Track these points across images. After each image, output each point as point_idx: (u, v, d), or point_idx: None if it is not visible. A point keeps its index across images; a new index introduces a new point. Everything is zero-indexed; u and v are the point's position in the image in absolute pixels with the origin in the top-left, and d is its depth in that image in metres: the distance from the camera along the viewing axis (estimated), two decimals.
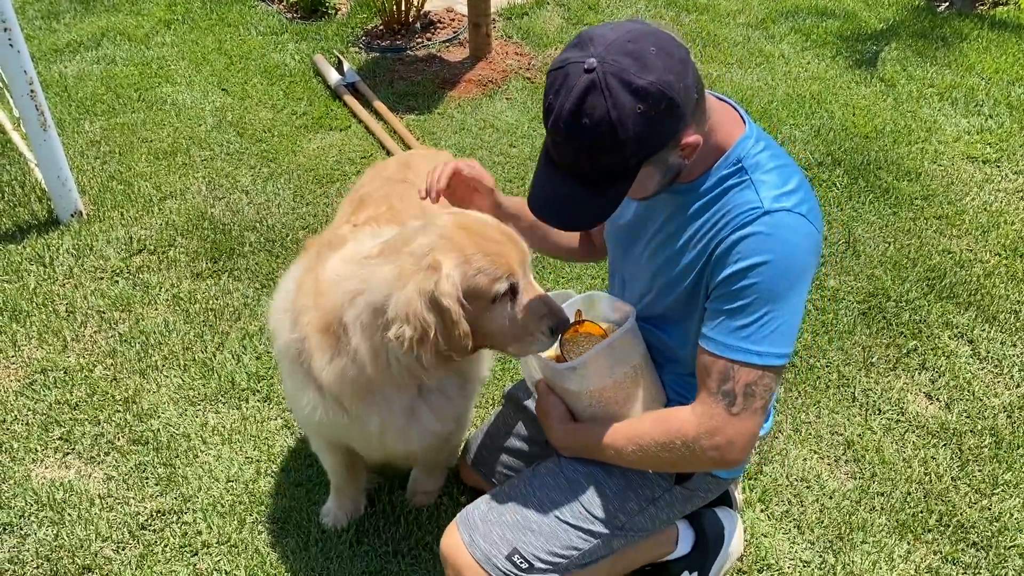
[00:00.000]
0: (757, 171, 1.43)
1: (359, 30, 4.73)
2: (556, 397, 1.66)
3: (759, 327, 1.40)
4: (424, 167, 2.13)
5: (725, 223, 1.42)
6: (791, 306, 1.41)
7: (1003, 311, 2.76)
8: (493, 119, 3.94)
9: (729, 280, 1.41)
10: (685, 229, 1.49)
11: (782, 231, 1.38)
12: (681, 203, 1.50)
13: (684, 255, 1.50)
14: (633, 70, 1.25)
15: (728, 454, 1.45)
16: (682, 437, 1.46)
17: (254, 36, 4.73)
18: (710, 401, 1.44)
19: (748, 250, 1.39)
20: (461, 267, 1.48)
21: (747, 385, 1.42)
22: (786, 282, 1.39)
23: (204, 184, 3.51)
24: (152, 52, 4.62)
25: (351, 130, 3.88)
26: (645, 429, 1.52)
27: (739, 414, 1.42)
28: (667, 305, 1.58)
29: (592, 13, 4.86)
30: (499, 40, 4.59)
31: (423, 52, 4.54)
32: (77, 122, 3.96)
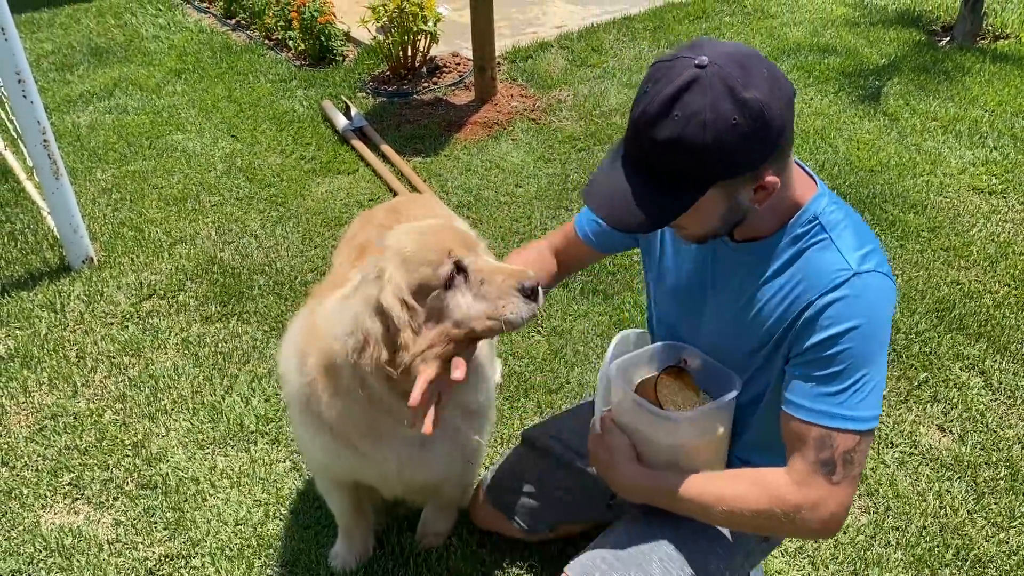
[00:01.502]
0: (835, 229, 1.39)
1: (366, 76, 4.81)
2: (623, 435, 1.56)
3: (854, 392, 1.35)
4: (414, 210, 2.15)
5: (810, 285, 1.37)
6: (880, 366, 1.37)
7: (1014, 342, 2.74)
8: (499, 160, 3.98)
9: (820, 346, 1.36)
10: (762, 290, 1.44)
11: (871, 293, 1.35)
12: (756, 262, 1.44)
13: (762, 317, 1.45)
14: (742, 81, 1.22)
15: (831, 525, 1.40)
16: (782, 507, 1.39)
17: (263, 84, 4.81)
18: (808, 471, 1.38)
19: (840, 315, 1.34)
20: (402, 267, 1.49)
21: (846, 452, 1.36)
22: (877, 343, 1.36)
23: (213, 229, 3.54)
24: (163, 101, 4.70)
25: (359, 173, 3.92)
26: (740, 492, 1.44)
27: (840, 483, 1.37)
28: (729, 365, 1.54)
29: (596, 55, 4.92)
30: (504, 83, 4.65)
31: (429, 96, 4.60)
32: (89, 170, 4.02)
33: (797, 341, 1.39)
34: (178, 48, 5.36)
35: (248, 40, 5.43)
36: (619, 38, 5.10)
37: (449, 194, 3.73)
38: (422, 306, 1.49)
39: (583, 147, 4.06)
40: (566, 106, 4.43)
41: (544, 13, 5.58)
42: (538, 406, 2.59)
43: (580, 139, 4.13)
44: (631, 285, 3.09)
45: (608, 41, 5.07)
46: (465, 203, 3.66)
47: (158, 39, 5.53)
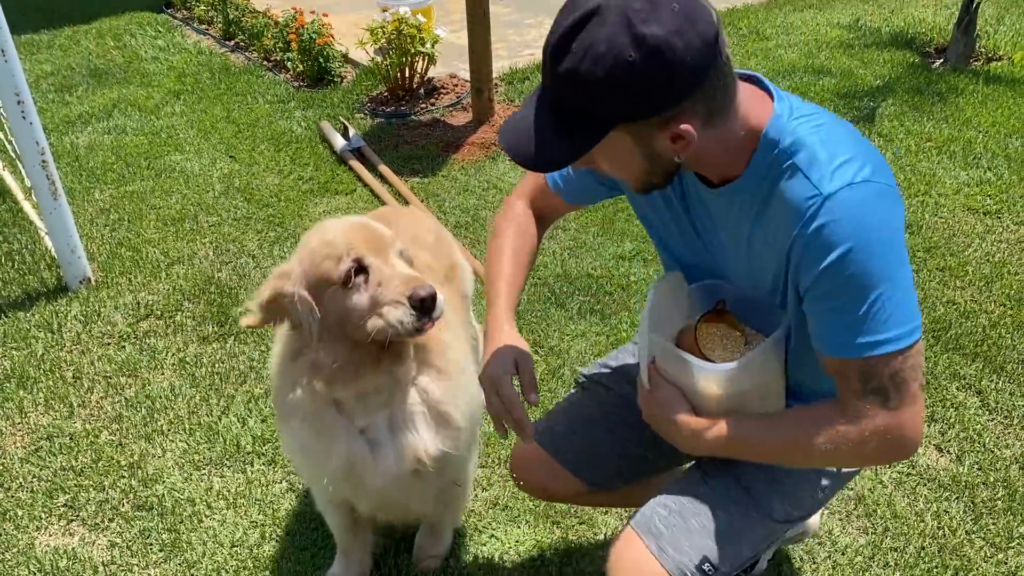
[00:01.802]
0: (799, 152, 1.27)
1: (364, 97, 4.84)
2: (673, 388, 1.47)
3: (875, 315, 1.25)
4: (403, 221, 2.16)
5: (787, 223, 1.28)
6: (898, 278, 1.26)
7: (1011, 361, 2.75)
8: (496, 180, 3.99)
9: (820, 282, 1.27)
10: (754, 233, 1.37)
11: (852, 211, 1.23)
12: (741, 203, 1.36)
13: (762, 262, 1.39)
14: (643, 15, 1.13)
15: (901, 449, 1.33)
16: (847, 442, 1.33)
17: (261, 104, 4.84)
18: (862, 404, 1.31)
19: (825, 245, 1.24)
20: (305, 260, 1.56)
21: (892, 376, 1.28)
22: (881, 259, 1.24)
23: (211, 249, 3.55)
24: (162, 122, 4.72)
25: (356, 193, 3.94)
26: (803, 434, 1.36)
27: (898, 407, 1.30)
28: (762, 306, 1.47)
29: None
30: (501, 103, 4.68)
31: (427, 117, 4.62)
32: (88, 191, 4.03)
33: (800, 281, 1.32)
34: (177, 69, 5.39)
35: (247, 61, 5.46)
36: None
37: (447, 214, 3.74)
38: (319, 302, 1.55)
39: None
40: None
41: (541, 35, 5.58)
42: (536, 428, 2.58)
43: None
44: (628, 305, 3.10)
45: None
46: (463, 223, 3.67)
47: (157, 60, 5.57)
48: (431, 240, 2.17)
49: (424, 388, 1.72)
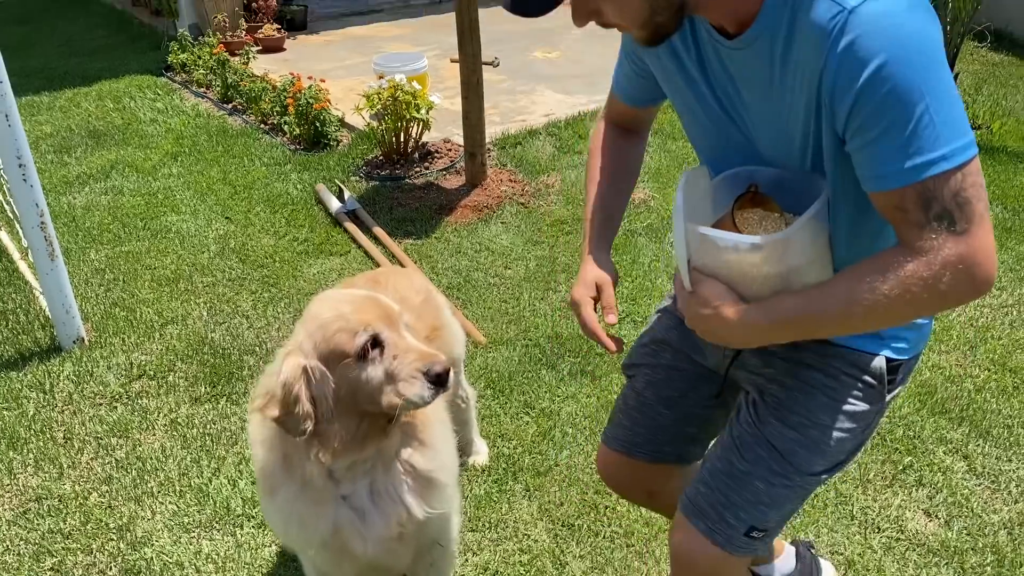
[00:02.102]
0: None
1: (359, 160, 4.92)
2: (716, 281, 1.36)
3: (922, 133, 1.16)
4: (394, 282, 2.20)
5: (815, 47, 1.20)
6: (942, 90, 1.16)
7: (996, 426, 2.78)
8: (488, 242, 4.05)
9: (858, 109, 1.18)
10: (781, 74, 1.28)
11: (880, 20, 1.15)
12: (760, 48, 1.28)
13: (792, 112, 1.29)
14: None
15: (980, 275, 1.20)
16: (920, 282, 1.20)
17: (258, 167, 4.91)
18: (927, 235, 1.19)
19: (857, 63, 1.15)
20: (318, 333, 1.55)
21: (954, 196, 1.17)
22: (920, 70, 1.14)
23: (205, 309, 3.57)
24: (159, 183, 4.78)
25: (351, 255, 3.98)
26: (869, 285, 1.23)
27: (966, 230, 1.18)
28: (796, 166, 1.37)
29: (582, 141, 5.07)
30: (494, 168, 4.77)
31: (421, 180, 4.70)
32: (83, 251, 4.06)
33: (838, 111, 1.22)
34: (175, 131, 5.49)
35: (244, 124, 5.56)
36: None
37: (439, 275, 3.79)
38: (332, 373, 1.55)
39: (570, 230, 4.15)
40: (553, 191, 4.54)
41: (533, 102, 5.75)
42: (527, 489, 2.59)
43: (567, 223, 4.22)
44: (618, 366, 3.12)
45: None
46: (455, 284, 3.72)
47: (155, 123, 5.66)
48: (418, 301, 2.20)
49: (407, 458, 1.75)
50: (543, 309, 3.50)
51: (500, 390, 3.02)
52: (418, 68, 5.13)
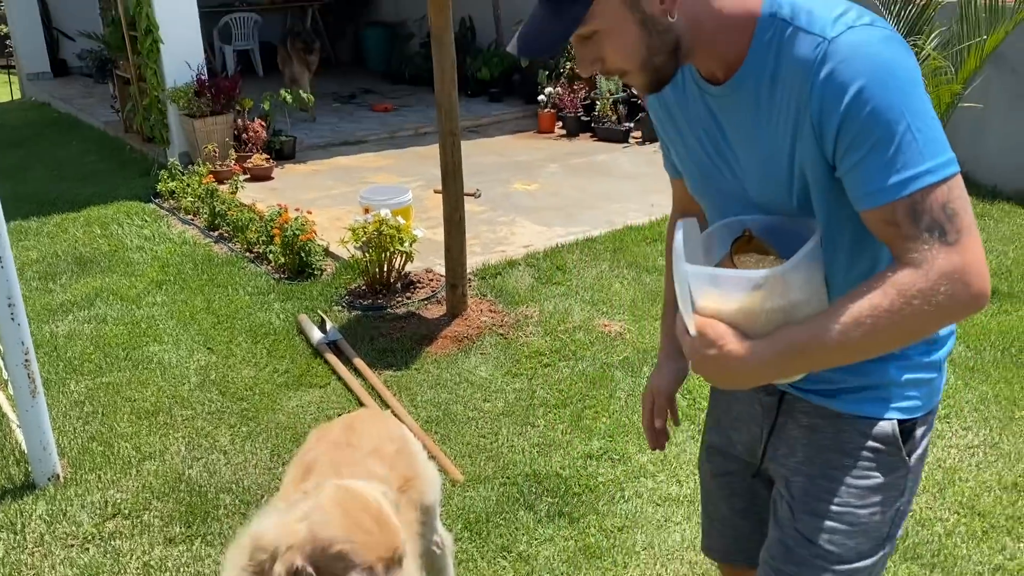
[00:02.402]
0: (798, 15, 1.30)
1: (342, 290, 5.02)
2: (719, 323, 1.36)
3: (908, 146, 1.23)
4: (369, 429, 2.24)
5: (799, 78, 1.28)
6: (921, 110, 1.24)
7: (967, 572, 2.81)
8: (468, 374, 4.11)
9: (845, 127, 1.25)
10: (767, 113, 1.35)
11: (857, 48, 1.24)
12: (747, 91, 1.37)
13: (777, 148, 1.36)
14: None
15: (975, 285, 1.25)
16: (919, 295, 1.24)
17: (242, 296, 5.00)
18: (919, 247, 1.24)
19: (838, 89, 1.24)
20: (321, 542, 1.57)
21: (943, 206, 1.23)
22: (900, 92, 1.23)
23: (183, 444, 3.58)
24: (142, 312, 4.84)
25: (330, 387, 4.03)
26: (870, 304, 1.26)
27: (957, 240, 1.24)
28: (786, 209, 1.42)
29: (560, 273, 5.21)
30: (474, 298, 4.88)
31: (403, 310, 4.80)
32: (63, 382, 4.08)
33: (826, 135, 1.28)
34: (161, 259, 5.59)
35: (230, 252, 5.68)
36: (582, 258, 5.42)
37: (418, 408, 3.82)
38: None
39: (548, 363, 4.22)
40: (532, 322, 4.64)
41: (513, 233, 5.93)
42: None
43: (546, 354, 4.30)
44: (596, 507, 3.14)
45: (572, 260, 5.38)
46: (434, 418, 3.75)
47: (142, 250, 5.77)
48: (392, 451, 2.24)
49: None
50: (521, 445, 3.54)
51: (477, 532, 3.02)
52: (403, 201, 5.31)
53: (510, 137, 8.87)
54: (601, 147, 8.29)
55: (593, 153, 8.07)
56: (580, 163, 7.73)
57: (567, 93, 8.84)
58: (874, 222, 1.30)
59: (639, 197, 6.61)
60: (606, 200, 6.58)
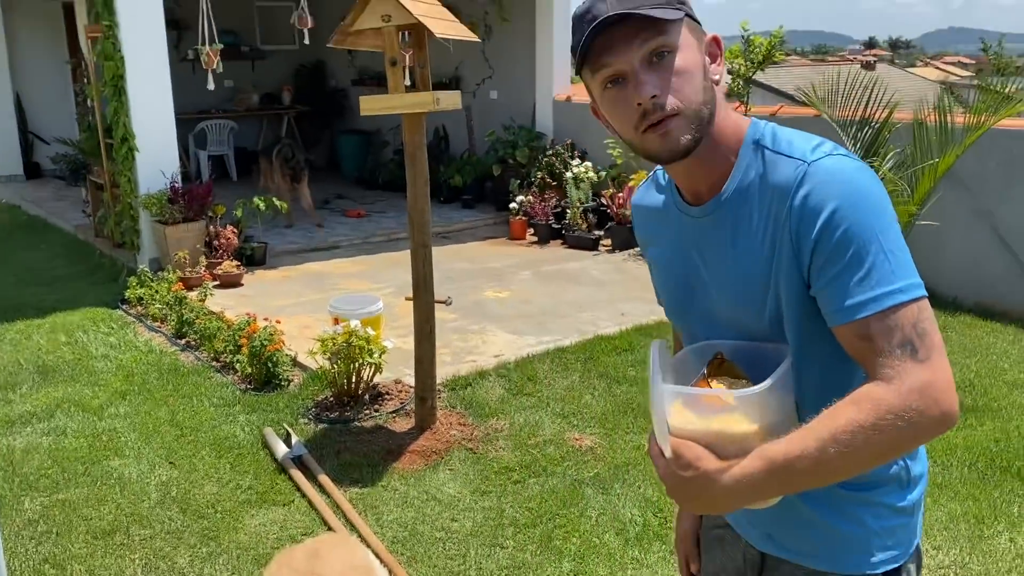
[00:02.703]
0: (779, 143, 1.40)
1: (309, 401, 4.96)
2: (696, 445, 1.35)
3: (880, 266, 1.30)
4: (334, 557, 2.17)
5: (779, 195, 1.36)
6: (892, 234, 1.32)
7: None
8: (435, 491, 4.04)
9: (821, 241, 1.32)
10: (745, 229, 1.42)
11: (833, 174, 1.33)
12: (726, 211, 1.44)
13: (752, 265, 1.42)
14: None
15: (945, 403, 1.27)
16: (891, 411, 1.25)
17: (207, 407, 4.92)
18: (891, 363, 1.28)
19: (817, 205, 1.32)
20: None
21: (914, 325, 1.29)
22: (872, 215, 1.31)
23: (140, 567, 3.45)
24: (104, 423, 4.74)
25: (294, 505, 3.93)
26: (847, 420, 1.27)
27: (927, 358, 1.28)
28: (757, 331, 1.46)
29: (531, 384, 5.20)
30: (443, 411, 4.84)
31: (370, 423, 4.74)
32: (18, 498, 3.95)
33: (803, 252, 1.34)
34: (126, 368, 5.51)
35: (196, 361, 5.61)
36: (553, 368, 5.43)
37: (384, 528, 3.73)
38: None
39: (518, 479, 4.17)
40: (503, 435, 4.60)
41: (484, 342, 5.94)
42: None
43: (515, 470, 4.24)
44: None
45: (543, 371, 5.38)
46: (400, 538, 3.66)
47: (107, 358, 5.69)
48: None
49: None
50: (490, 568, 3.45)
51: None
52: (373, 311, 5.31)
53: (482, 243, 8.99)
54: (572, 254, 8.42)
55: (564, 261, 8.19)
56: (551, 270, 7.82)
57: (538, 201, 9.02)
58: (847, 338, 1.34)
59: (609, 306, 6.68)
60: (577, 308, 6.64)
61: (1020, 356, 5.63)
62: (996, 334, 6.05)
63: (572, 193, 8.90)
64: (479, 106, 10.93)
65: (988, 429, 4.56)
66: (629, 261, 8.09)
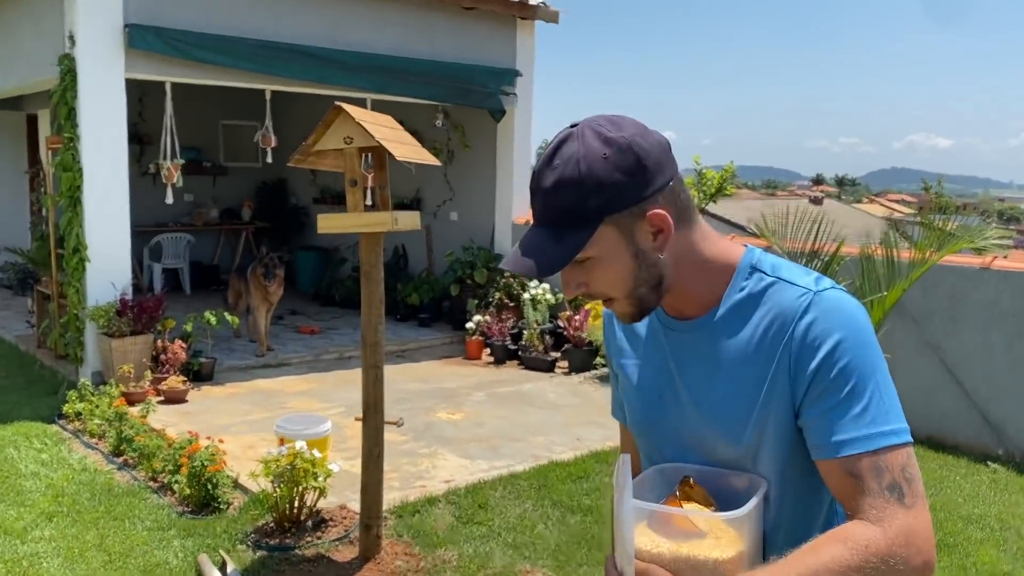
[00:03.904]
0: (779, 270, 1.41)
1: (249, 526, 4.72)
2: (662, 570, 1.31)
3: (876, 405, 1.30)
4: None
5: (782, 316, 1.36)
6: (885, 374, 1.34)
7: None
8: None
9: (822, 369, 1.31)
10: (734, 349, 1.40)
11: (838, 305, 1.35)
12: (715, 331, 1.43)
13: (746, 376, 1.39)
14: (607, 127, 1.35)
15: (927, 552, 1.23)
16: (877, 554, 1.21)
17: (139, 531, 4.65)
18: (880, 504, 1.25)
19: (823, 333, 1.32)
20: None
21: (903, 470, 1.27)
22: (870, 352, 1.33)
23: None
24: (26, 547, 4.44)
25: None
26: (831, 556, 1.22)
27: (913, 505, 1.25)
28: (726, 456, 1.42)
29: (482, 511, 5.03)
30: (389, 539, 4.63)
31: (312, 551, 4.51)
32: None
33: (798, 380, 1.34)
34: (56, 487, 5.22)
35: (132, 481, 5.35)
36: (505, 495, 5.26)
37: None
38: None
39: None
40: (451, 567, 4.40)
41: (434, 466, 5.77)
42: None
43: None
44: None
45: (494, 498, 5.21)
46: None
47: (36, 476, 5.40)
48: None
49: None
50: None
51: None
52: (320, 432, 5.16)
53: (437, 363, 8.89)
54: (528, 375, 8.36)
55: (520, 382, 8.11)
56: (506, 392, 7.72)
57: (495, 321, 9.01)
58: (833, 472, 1.31)
59: (564, 430, 6.58)
60: (531, 432, 6.52)
61: (973, 490, 5.62)
62: (948, 468, 6.05)
63: (529, 314, 8.92)
64: (439, 227, 11.05)
65: (945, 565, 4.48)
66: (586, 384, 8.03)
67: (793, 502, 1.41)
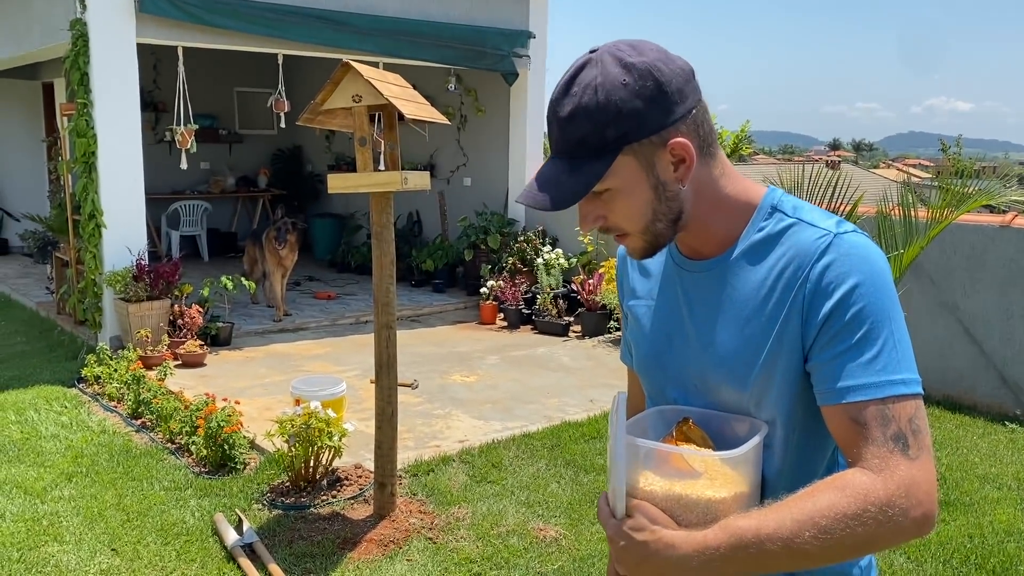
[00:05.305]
0: (800, 211, 1.36)
1: (265, 486, 4.78)
2: (656, 509, 1.28)
3: (889, 353, 1.26)
4: None
5: (799, 256, 1.31)
6: (901, 323, 1.29)
7: None
8: None
9: (837, 313, 1.27)
10: (748, 289, 1.36)
11: (858, 249, 1.29)
12: (729, 270, 1.38)
13: (760, 315, 1.34)
14: (627, 52, 1.29)
15: (927, 505, 1.20)
16: (875, 503, 1.18)
17: (157, 491, 4.71)
18: (883, 454, 1.22)
19: (839, 276, 1.27)
20: None
21: (910, 420, 1.24)
22: (887, 299, 1.28)
23: None
24: (46, 507, 4.52)
25: None
26: (827, 503, 1.19)
27: (918, 457, 1.22)
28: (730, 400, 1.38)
29: (496, 471, 5.05)
30: (404, 498, 4.67)
31: (327, 510, 4.55)
32: None
33: (810, 322, 1.29)
34: (75, 449, 5.30)
35: (150, 443, 5.41)
36: (518, 455, 5.29)
37: None
38: None
39: (479, 571, 3.99)
40: (464, 524, 4.43)
41: (448, 427, 5.80)
42: None
43: (477, 561, 4.07)
44: None
45: (508, 458, 5.24)
46: None
47: (56, 438, 5.48)
48: None
49: None
50: None
51: None
52: (335, 393, 5.19)
53: (452, 327, 8.91)
54: (541, 340, 8.36)
55: (533, 346, 8.11)
56: (520, 355, 7.74)
57: (509, 286, 9.00)
58: (838, 418, 1.27)
59: (578, 392, 6.59)
60: (545, 394, 6.54)
61: (989, 449, 5.58)
62: (965, 427, 6.01)
63: (543, 279, 8.90)
64: (453, 192, 11.02)
65: (961, 524, 4.46)
66: (599, 347, 8.03)
67: (797, 449, 1.38)
